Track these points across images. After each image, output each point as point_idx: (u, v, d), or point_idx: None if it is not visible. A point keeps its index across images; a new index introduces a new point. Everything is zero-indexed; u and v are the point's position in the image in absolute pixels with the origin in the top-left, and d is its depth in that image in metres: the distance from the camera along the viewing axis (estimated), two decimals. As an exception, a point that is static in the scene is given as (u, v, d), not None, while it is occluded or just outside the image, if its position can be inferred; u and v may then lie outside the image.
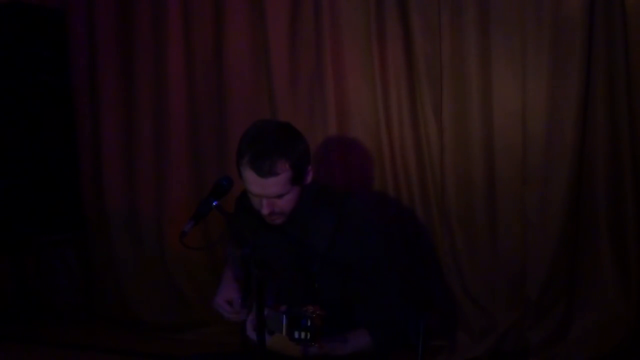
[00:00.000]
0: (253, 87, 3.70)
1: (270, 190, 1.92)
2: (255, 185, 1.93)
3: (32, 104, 4.04)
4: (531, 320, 3.13)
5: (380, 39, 3.32)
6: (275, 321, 1.69)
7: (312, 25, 3.48)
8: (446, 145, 3.25)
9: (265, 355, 1.68)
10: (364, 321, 1.98)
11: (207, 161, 3.88)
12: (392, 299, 2.00)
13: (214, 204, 1.86)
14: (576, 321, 3.12)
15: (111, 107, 4.11)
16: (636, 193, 3.01)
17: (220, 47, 3.76)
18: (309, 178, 2.03)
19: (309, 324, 1.59)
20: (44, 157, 4.09)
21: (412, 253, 3.37)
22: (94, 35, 4.10)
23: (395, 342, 2.02)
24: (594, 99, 3.00)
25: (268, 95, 3.60)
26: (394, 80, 3.34)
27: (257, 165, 1.88)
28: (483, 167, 3.21)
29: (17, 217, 4.05)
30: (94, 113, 4.17)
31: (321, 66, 3.45)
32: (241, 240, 1.98)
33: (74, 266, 4.45)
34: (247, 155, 1.90)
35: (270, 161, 1.88)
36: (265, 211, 1.95)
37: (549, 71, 3.02)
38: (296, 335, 1.61)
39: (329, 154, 3.48)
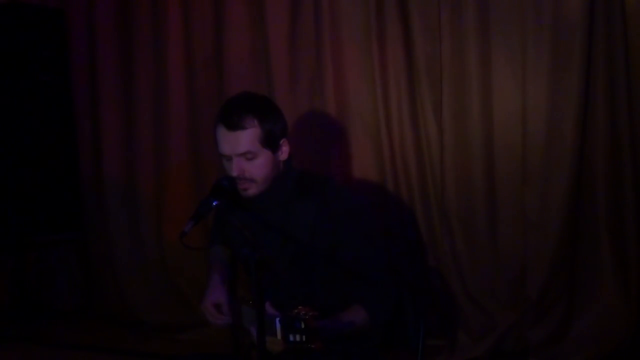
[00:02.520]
0: (253, 87, 3.69)
1: (238, 146, 1.93)
2: (225, 142, 1.94)
3: (32, 104, 4.04)
4: (531, 320, 3.13)
5: (380, 39, 3.32)
6: (268, 325, 1.68)
7: (312, 25, 3.48)
8: (446, 145, 3.24)
9: (266, 355, 1.68)
10: (357, 297, 1.96)
11: (207, 161, 3.87)
12: (381, 273, 1.98)
13: (214, 204, 1.86)
14: (576, 321, 3.11)
15: (111, 107, 4.11)
16: (636, 193, 3.01)
17: (220, 47, 3.76)
18: (284, 152, 2.02)
19: (302, 326, 1.58)
20: (44, 157, 4.09)
21: (412, 253, 3.37)
22: (94, 35, 4.11)
23: (388, 318, 2.00)
24: (594, 99, 3.00)
25: (268, 95, 3.59)
26: (394, 80, 3.34)
27: (226, 119, 1.93)
28: (483, 167, 3.21)
29: (17, 217, 4.04)
30: (94, 113, 4.17)
31: (321, 66, 3.45)
32: (239, 241, 1.98)
33: (74, 266, 4.45)
34: (220, 112, 1.97)
35: (239, 116, 1.92)
36: (234, 172, 1.94)
37: (549, 71, 3.02)
38: (291, 338, 1.60)
39: (329, 154, 3.48)
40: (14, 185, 4.04)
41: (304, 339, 1.58)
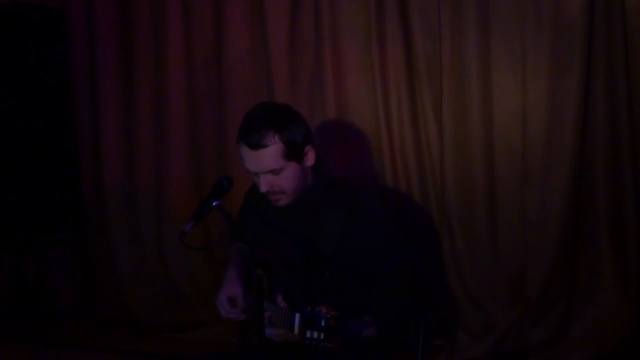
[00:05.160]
0: (253, 87, 3.70)
1: (262, 164, 1.95)
2: (249, 161, 1.98)
3: (32, 104, 4.04)
4: (531, 320, 3.13)
5: (380, 39, 3.32)
6: (284, 318, 1.68)
7: (312, 25, 3.48)
8: (446, 145, 3.24)
9: (266, 355, 1.68)
10: (369, 309, 1.98)
11: (207, 161, 3.88)
12: (397, 289, 2.00)
13: (214, 204, 1.87)
14: (576, 321, 3.11)
15: (111, 107, 4.11)
16: (636, 193, 3.00)
17: (220, 47, 3.76)
18: (310, 159, 2.04)
19: (323, 324, 1.58)
20: (43, 157, 4.09)
21: (412, 253, 3.37)
22: (94, 35, 4.11)
23: (395, 334, 2.01)
24: (594, 99, 3.00)
25: (268, 95, 3.60)
26: (394, 80, 3.34)
27: (247, 138, 1.95)
28: (483, 167, 3.21)
29: (17, 217, 4.04)
30: (94, 113, 4.17)
31: (321, 66, 3.45)
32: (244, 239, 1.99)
33: (74, 266, 4.45)
34: (241, 130, 1.98)
35: (259, 134, 1.94)
36: (263, 189, 1.97)
37: (549, 71, 3.02)
38: (308, 334, 1.61)
39: (329, 153, 3.47)
40: (14, 185, 4.04)
41: (322, 337, 1.59)
